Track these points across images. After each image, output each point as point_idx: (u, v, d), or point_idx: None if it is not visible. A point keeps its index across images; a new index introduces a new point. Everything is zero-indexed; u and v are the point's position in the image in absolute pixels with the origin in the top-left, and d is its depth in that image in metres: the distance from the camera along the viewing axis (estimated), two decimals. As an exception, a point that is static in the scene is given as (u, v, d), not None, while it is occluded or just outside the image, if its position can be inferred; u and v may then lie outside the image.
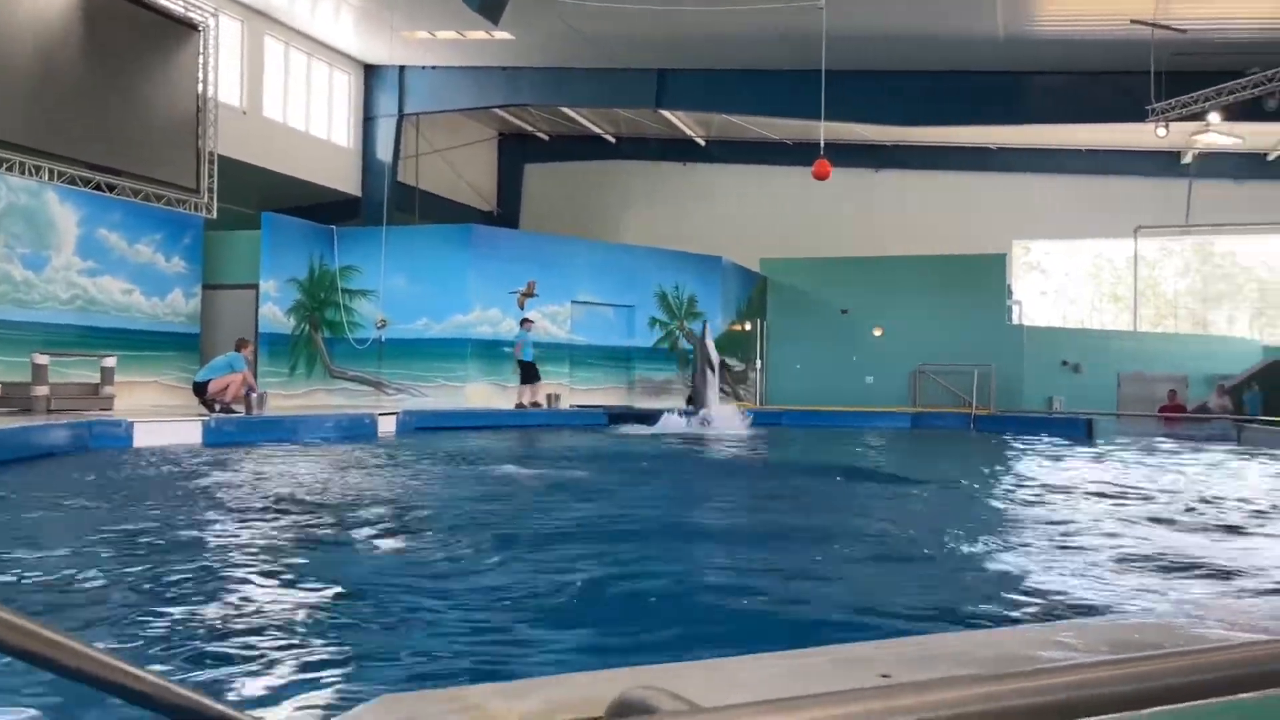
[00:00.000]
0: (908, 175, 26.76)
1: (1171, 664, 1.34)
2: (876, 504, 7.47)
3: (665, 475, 9.87)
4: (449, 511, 6.40)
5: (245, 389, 13.31)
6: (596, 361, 20.19)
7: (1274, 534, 5.88)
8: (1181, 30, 16.42)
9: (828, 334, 23.20)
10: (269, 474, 8.33)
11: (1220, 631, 1.90)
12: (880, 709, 1.16)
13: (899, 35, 18.00)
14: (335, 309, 18.87)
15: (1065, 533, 5.65)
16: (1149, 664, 1.33)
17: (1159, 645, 1.72)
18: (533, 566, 4.41)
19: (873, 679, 1.59)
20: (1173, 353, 24.39)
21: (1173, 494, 8.11)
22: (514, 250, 19.53)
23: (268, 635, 3.09)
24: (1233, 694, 1.38)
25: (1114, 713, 1.29)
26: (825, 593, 3.97)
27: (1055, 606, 3.61)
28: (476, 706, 1.48)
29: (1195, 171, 25.02)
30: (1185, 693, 1.35)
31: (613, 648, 3.01)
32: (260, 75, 19.09)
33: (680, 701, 1.18)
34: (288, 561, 4.41)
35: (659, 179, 28.12)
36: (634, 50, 19.95)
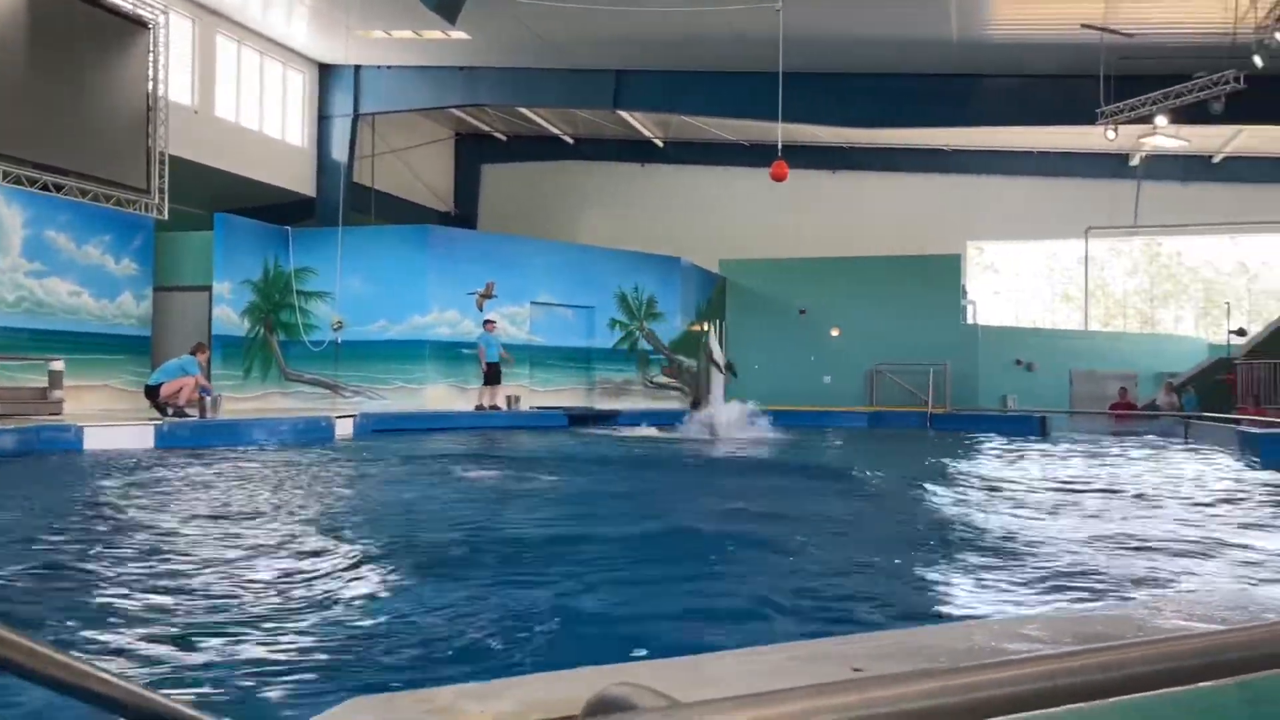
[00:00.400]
0: (864, 177, 27.02)
1: (1133, 654, 1.36)
2: (841, 502, 7.52)
3: (629, 478, 9.87)
4: (406, 514, 6.35)
5: (199, 392, 13.11)
6: (556, 363, 20.14)
7: (1224, 527, 6.01)
8: (1129, 35, 16.74)
9: (786, 334, 23.35)
10: (219, 477, 8.21)
11: (1178, 622, 1.93)
12: (855, 701, 1.17)
13: (855, 38, 18.16)
14: (290, 311, 18.64)
15: (1025, 528, 5.73)
16: (1112, 654, 1.35)
17: (1121, 636, 1.76)
18: (498, 570, 4.39)
19: (846, 673, 1.60)
20: (1123, 351, 24.87)
21: (1123, 489, 8.26)
22: (472, 251, 19.43)
23: (231, 640, 3.05)
24: (1193, 682, 1.41)
25: (1081, 701, 1.31)
26: (795, 590, 3.99)
27: (1021, 600, 3.66)
28: (448, 708, 1.47)
29: (1143, 173, 25.53)
30: (1147, 682, 1.37)
31: (581, 648, 3.00)
32: (212, 74, 18.80)
33: (660, 698, 1.18)
34: (243, 565, 4.35)
35: (618, 180, 28.13)
36: (592, 51, 19.94)
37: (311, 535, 5.22)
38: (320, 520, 5.84)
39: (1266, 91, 16.59)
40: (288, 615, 3.41)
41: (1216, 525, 6.09)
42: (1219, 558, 4.77)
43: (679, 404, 21.87)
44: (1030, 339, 24.99)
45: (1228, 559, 4.74)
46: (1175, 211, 25.97)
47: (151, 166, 16.04)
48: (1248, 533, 5.76)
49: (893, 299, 22.75)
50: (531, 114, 25.06)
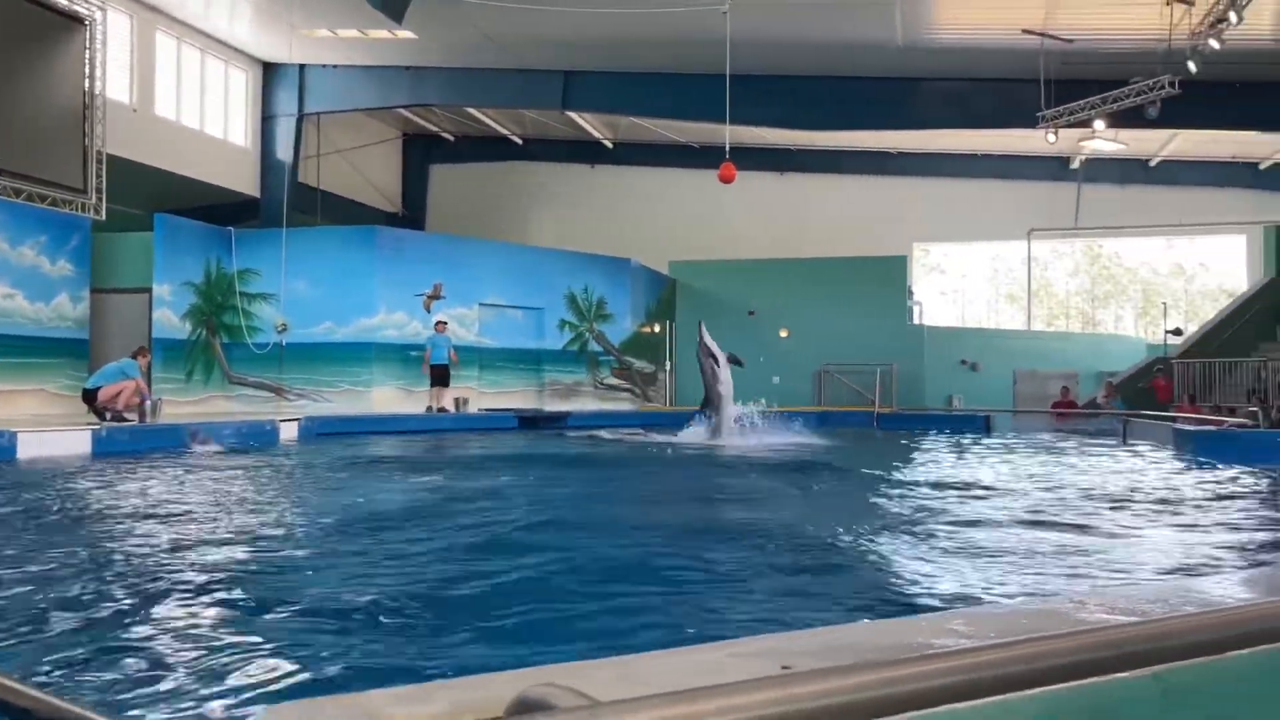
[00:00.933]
0: (812, 179, 27.26)
1: (1049, 647, 1.39)
2: (785, 500, 7.58)
3: (574, 477, 9.86)
4: (339, 517, 6.28)
5: (138, 397, 12.85)
6: (505, 364, 20.04)
7: (1155, 522, 6.15)
8: (1069, 40, 17.09)
9: (735, 335, 23.40)
10: (151, 483, 8.04)
11: (1101, 615, 1.97)
12: (778, 698, 1.18)
13: (802, 41, 18.32)
14: (233, 313, 18.34)
15: (961, 525, 5.82)
16: (1028, 647, 1.38)
17: (1043, 630, 1.79)
18: (441, 571, 4.36)
19: (775, 670, 1.61)
20: (1064, 351, 25.37)
21: (1060, 485, 8.42)
22: (420, 252, 19.26)
23: (153, 649, 2.99)
24: (1109, 674, 1.44)
25: (999, 694, 1.34)
26: (737, 589, 4.01)
27: (954, 596, 3.72)
28: (375, 712, 1.45)
29: (1083, 176, 26.08)
30: (1064, 674, 1.40)
31: (518, 648, 2.99)
32: (151, 72, 18.43)
33: (580, 698, 1.18)
34: (170, 572, 4.27)
35: (567, 181, 28.08)
36: (540, 51, 19.89)
37: (238, 541, 5.15)
38: (247, 525, 5.76)
39: (1200, 97, 17.03)
40: (211, 623, 3.35)
41: (1148, 520, 6.23)
42: (1150, 551, 4.89)
43: (630, 405, 21.91)
44: (975, 339, 25.39)
45: (1159, 552, 4.86)
46: (1114, 214, 26.55)
47: (88, 166, 15.69)
48: (1178, 527, 5.90)
49: (840, 300, 22.98)
50: (480, 114, 24.92)
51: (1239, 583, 2.63)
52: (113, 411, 12.59)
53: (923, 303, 27.14)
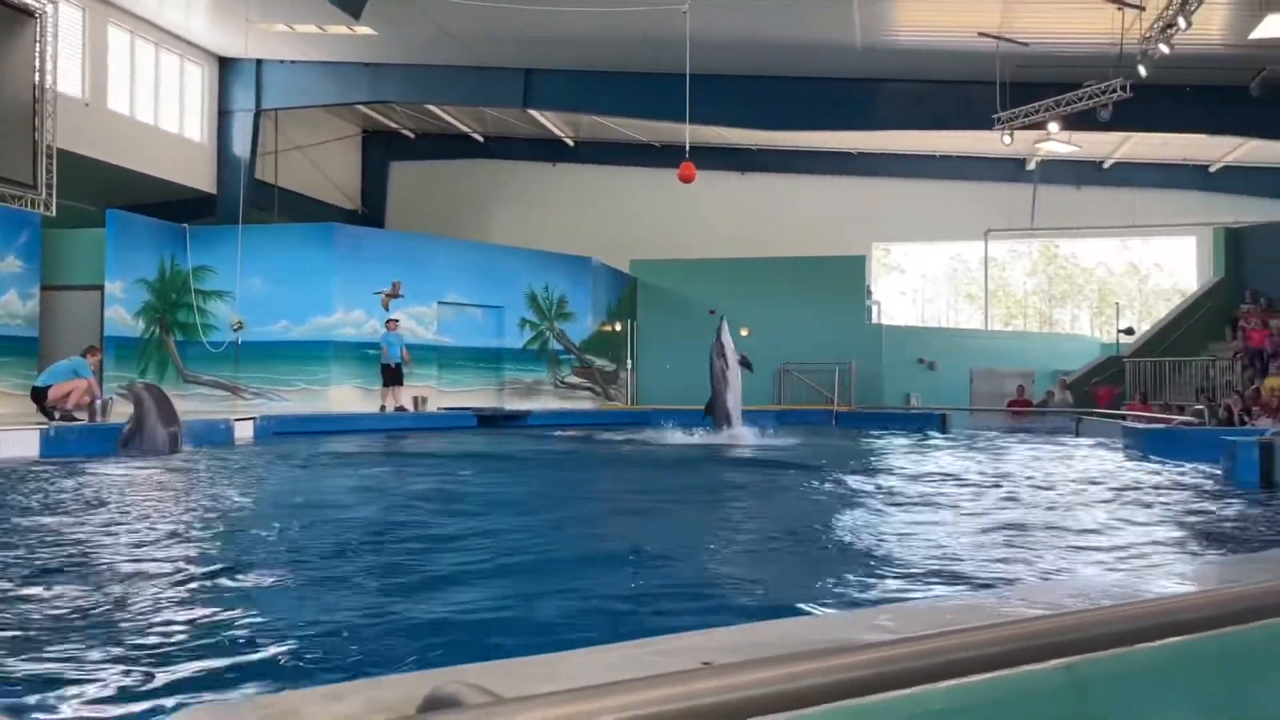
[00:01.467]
0: (773, 178, 27.39)
1: (958, 640, 1.42)
2: (733, 498, 7.62)
3: (533, 473, 9.85)
4: (281, 519, 6.23)
5: (89, 396, 12.65)
6: (465, 363, 19.95)
7: (1097, 516, 6.26)
8: (1024, 43, 17.32)
9: (696, 334, 23.49)
10: (97, 483, 7.92)
11: (1021, 608, 2.02)
12: (681, 693, 1.19)
13: (762, 41, 18.40)
14: (188, 311, 18.10)
15: (901, 520, 5.89)
16: (938, 641, 1.40)
17: (965, 623, 1.82)
18: (375, 571, 4.35)
19: (695, 666, 1.63)
20: (1020, 350, 25.72)
21: (1007, 481, 8.54)
22: (378, 250, 19.12)
23: (66, 649, 2.96)
24: (1019, 665, 1.47)
25: (910, 687, 1.36)
26: (670, 585, 4.04)
27: (888, 591, 3.77)
28: (291, 712, 1.45)
29: (1039, 178, 26.43)
30: (973, 666, 1.43)
31: (447, 648, 3.00)
32: (104, 66, 18.13)
33: (486, 695, 1.19)
34: (93, 572, 4.22)
35: (528, 179, 27.99)
36: (501, 49, 19.81)
37: (173, 541, 5.09)
38: (185, 526, 5.70)
39: (1151, 100, 17.35)
40: (132, 624, 3.31)
41: (1089, 515, 6.35)
42: (1087, 546, 4.98)
43: (591, 403, 21.90)
44: (933, 338, 25.66)
45: (1095, 547, 4.95)
46: (1069, 215, 26.95)
47: (38, 160, 15.40)
48: (1118, 522, 6.01)
49: (800, 299, 23.13)
50: (440, 111, 24.79)
51: (1161, 576, 2.70)
52: (62, 411, 12.38)
53: (881, 302, 27.39)
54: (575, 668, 1.71)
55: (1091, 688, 1.52)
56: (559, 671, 1.67)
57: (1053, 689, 1.49)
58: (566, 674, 1.65)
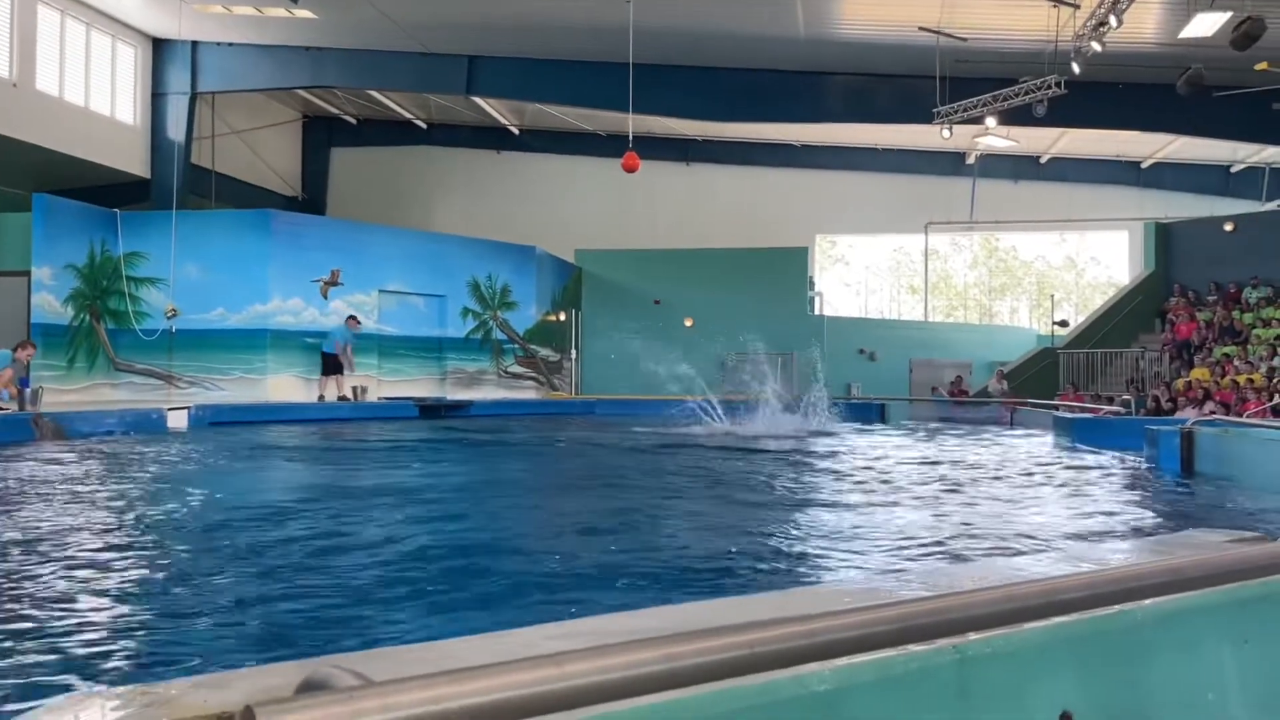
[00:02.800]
0: (718, 169, 27.49)
1: (838, 621, 1.44)
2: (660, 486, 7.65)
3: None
4: (197, 507, 6.13)
5: (17, 384, 12.31)
6: (407, 352, 19.76)
7: (1015, 501, 6.39)
8: (963, 38, 17.56)
9: (641, 324, 23.55)
10: (24, 475, 7.73)
11: (919, 590, 2.05)
12: (552, 675, 1.20)
13: (705, 32, 18.43)
14: (120, 298, 17.69)
15: (831, 507, 5.97)
16: (814, 623, 1.42)
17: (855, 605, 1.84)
18: (294, 562, 4.30)
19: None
20: (959, 341, 26.15)
21: (933, 468, 8.69)
22: (318, 237, 18.84)
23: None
24: (905, 644, 1.50)
25: (793, 667, 1.38)
26: (577, 569, 4.05)
27: (794, 575, 3.82)
28: (172, 700, 1.44)
29: (978, 172, 26.86)
30: (855, 645, 1.46)
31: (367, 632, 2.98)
32: (32, 45, 17.60)
33: (359, 678, 1.19)
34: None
35: (472, 167, 27.77)
36: (444, 35, 19.61)
37: (67, 530, 4.99)
38: (83, 514, 5.59)
39: (1084, 97, 17.69)
40: (14, 611, 3.24)
41: (1011, 501, 6.48)
42: (1002, 532, 5.08)
43: (535, 393, 21.83)
44: (874, 329, 25.99)
45: (1010, 533, 5.06)
46: (1007, 208, 27.44)
47: (-39, 142, 14.93)
48: (1038, 508, 6.15)
49: (743, 290, 23.28)
50: (383, 97, 24.49)
51: (1055, 559, 2.76)
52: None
53: (823, 293, 27.65)
54: (463, 653, 1.71)
55: (978, 666, 1.55)
56: (445, 657, 1.66)
57: (940, 668, 1.52)
58: (454, 659, 1.65)
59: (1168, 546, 2.67)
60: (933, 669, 1.52)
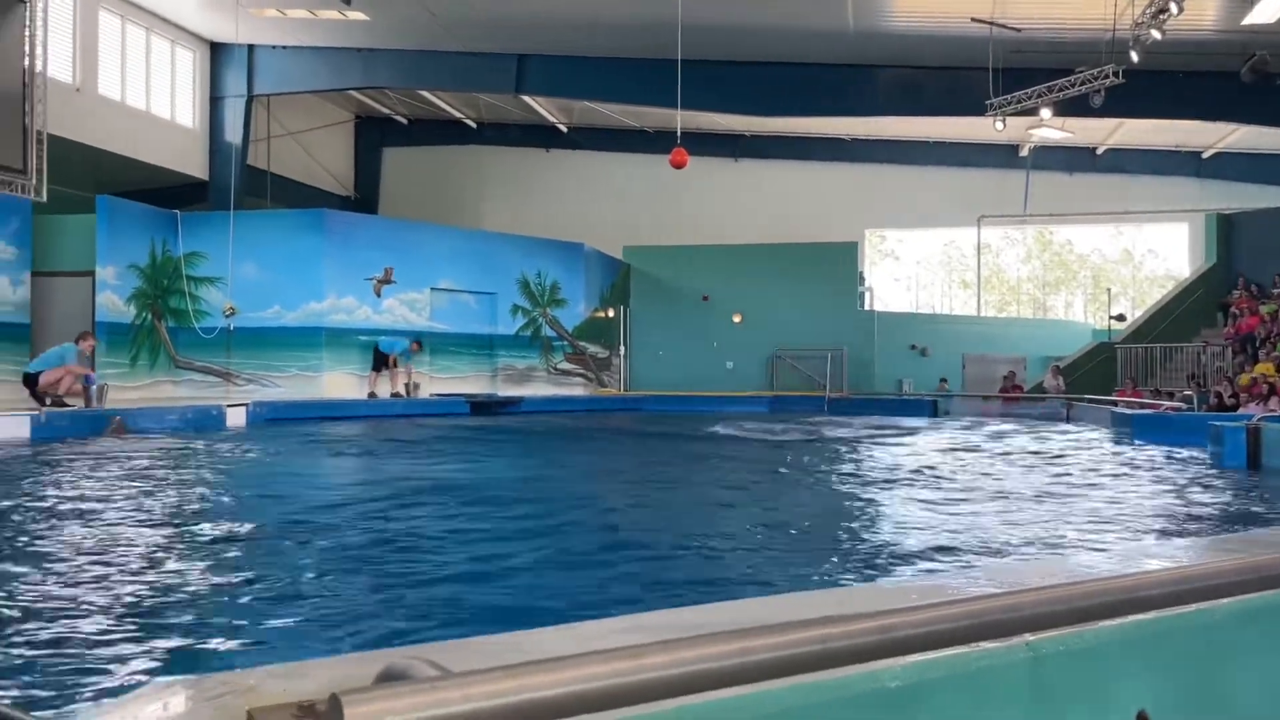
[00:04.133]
0: (766, 165, 27.34)
1: (911, 618, 1.43)
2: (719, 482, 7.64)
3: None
4: (264, 510, 6.24)
5: (82, 381, 12.63)
6: (458, 349, 19.93)
7: (1069, 498, 6.28)
8: (1017, 29, 17.27)
9: (689, 321, 23.55)
10: (90, 470, 7.92)
11: (989, 587, 2.02)
12: (629, 667, 1.20)
13: (754, 26, 18.33)
14: (180, 297, 18.06)
15: (889, 503, 5.91)
16: (895, 616, 1.42)
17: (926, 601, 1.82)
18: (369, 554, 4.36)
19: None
20: (1013, 336, 25.77)
21: (992, 464, 8.57)
22: (370, 236, 19.07)
23: (49, 624, 2.97)
24: (979, 641, 1.48)
25: (865, 663, 1.38)
26: (643, 568, 4.05)
27: (863, 573, 3.78)
28: (253, 688, 1.47)
29: (1032, 164, 26.42)
30: (931, 642, 1.44)
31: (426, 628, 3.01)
32: (95, 51, 18.02)
33: (436, 668, 1.21)
34: (73, 553, 4.22)
35: (521, 165, 27.91)
36: (493, 34, 19.73)
37: (156, 525, 5.10)
38: (160, 508, 5.71)
39: (1144, 86, 17.31)
40: (101, 604, 3.33)
41: (1074, 497, 6.37)
42: (1067, 527, 5.00)
43: (583, 389, 21.92)
44: (925, 325, 25.70)
45: (1075, 528, 4.97)
46: (1062, 201, 26.96)
47: (29, 146, 15.27)
48: (1102, 504, 6.04)
49: (792, 286, 23.14)
50: (433, 97, 24.69)
51: (1130, 555, 2.71)
52: (54, 397, 12.36)
53: (874, 288, 27.40)
54: (536, 645, 1.72)
55: (1052, 664, 1.53)
56: (521, 649, 1.68)
57: (1013, 665, 1.50)
58: (527, 651, 1.66)
59: (1244, 544, 2.61)
60: (1006, 666, 1.50)
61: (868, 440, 11.97)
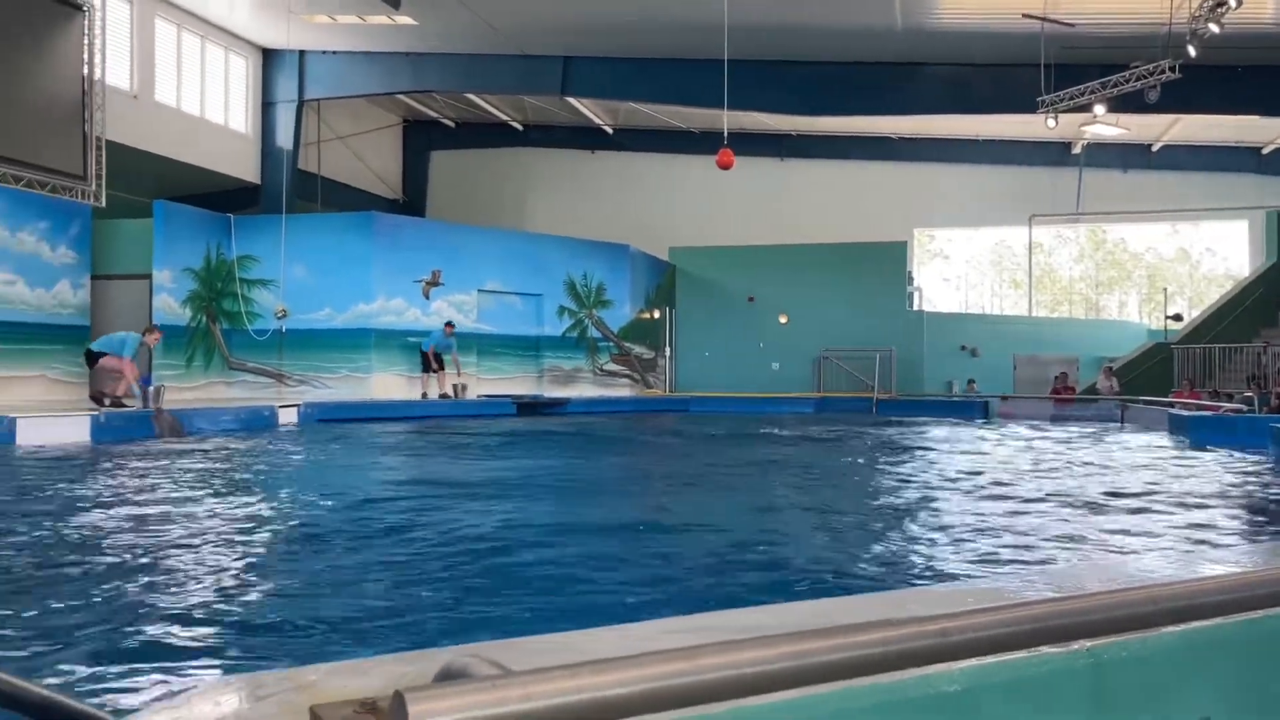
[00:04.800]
0: (812, 164, 27.18)
1: (972, 621, 1.42)
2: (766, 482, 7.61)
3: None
4: (323, 502, 6.32)
5: (140, 383, 12.89)
6: (505, 351, 20.07)
7: (1130, 503, 6.17)
8: (1069, 24, 17.00)
9: (735, 321, 23.50)
10: (148, 468, 8.10)
11: (1046, 590, 2.00)
12: (686, 668, 1.21)
13: (800, 26, 18.24)
14: (233, 299, 18.39)
15: (941, 504, 5.85)
16: (953, 620, 1.40)
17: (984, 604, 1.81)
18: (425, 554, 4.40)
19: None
20: (1065, 336, 25.36)
21: (1044, 468, 8.44)
22: (419, 238, 19.27)
23: (100, 624, 3.04)
24: (1039, 646, 1.47)
25: (922, 667, 1.37)
26: (695, 565, 4.05)
27: (919, 576, 3.75)
28: (313, 685, 1.49)
29: (1085, 161, 25.99)
30: (989, 647, 1.43)
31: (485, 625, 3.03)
32: (151, 58, 18.43)
33: (495, 668, 1.22)
34: (134, 552, 4.31)
35: (567, 166, 28.04)
36: (540, 37, 19.85)
37: (210, 520, 5.19)
38: (223, 505, 5.81)
39: (1201, 81, 16.95)
40: (162, 599, 3.39)
41: (1131, 500, 6.25)
42: (1124, 531, 4.91)
43: (629, 390, 21.96)
44: (975, 325, 25.38)
45: (1133, 532, 4.88)
46: (1116, 199, 26.47)
47: (88, 153, 15.68)
48: (1159, 507, 5.92)
49: (840, 286, 22.99)
50: (480, 100, 24.89)
51: (1191, 561, 2.66)
52: (113, 399, 12.64)
53: (922, 288, 27.12)
54: (591, 645, 1.73)
55: (1112, 671, 1.51)
56: (574, 648, 1.69)
57: (1072, 672, 1.48)
58: (581, 651, 1.67)
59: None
60: (1066, 672, 1.48)
61: (927, 441, 11.86)
